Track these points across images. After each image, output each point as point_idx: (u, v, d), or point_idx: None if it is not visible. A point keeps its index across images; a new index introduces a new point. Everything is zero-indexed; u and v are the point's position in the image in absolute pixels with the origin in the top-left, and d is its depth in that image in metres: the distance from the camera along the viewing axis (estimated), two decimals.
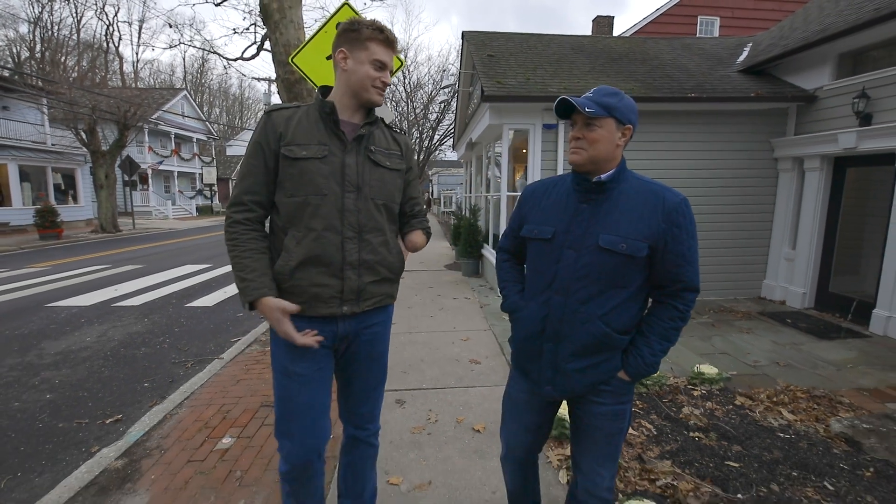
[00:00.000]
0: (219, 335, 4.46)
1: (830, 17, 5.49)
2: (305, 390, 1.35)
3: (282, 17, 3.86)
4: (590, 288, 1.19)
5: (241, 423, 2.67)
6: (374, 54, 1.29)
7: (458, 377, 3.25)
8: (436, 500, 1.94)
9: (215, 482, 2.13)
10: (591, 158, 1.19)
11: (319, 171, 1.29)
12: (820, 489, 1.97)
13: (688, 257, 1.18)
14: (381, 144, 1.41)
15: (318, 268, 1.30)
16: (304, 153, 1.28)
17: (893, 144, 4.32)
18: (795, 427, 2.51)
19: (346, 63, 1.31)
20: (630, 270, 1.18)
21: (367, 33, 1.28)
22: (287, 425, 1.36)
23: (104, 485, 2.14)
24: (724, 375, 3.13)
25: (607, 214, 1.19)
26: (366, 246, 1.35)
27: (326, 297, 1.32)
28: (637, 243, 1.15)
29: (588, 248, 1.19)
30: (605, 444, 1.30)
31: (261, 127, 1.32)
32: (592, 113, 1.15)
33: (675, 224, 1.16)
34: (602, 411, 1.27)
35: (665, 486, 1.92)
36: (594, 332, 1.20)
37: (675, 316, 1.21)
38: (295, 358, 1.33)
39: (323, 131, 1.32)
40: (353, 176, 1.33)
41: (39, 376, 3.47)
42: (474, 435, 2.47)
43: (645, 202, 1.18)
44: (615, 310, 1.20)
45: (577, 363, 1.23)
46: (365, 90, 1.32)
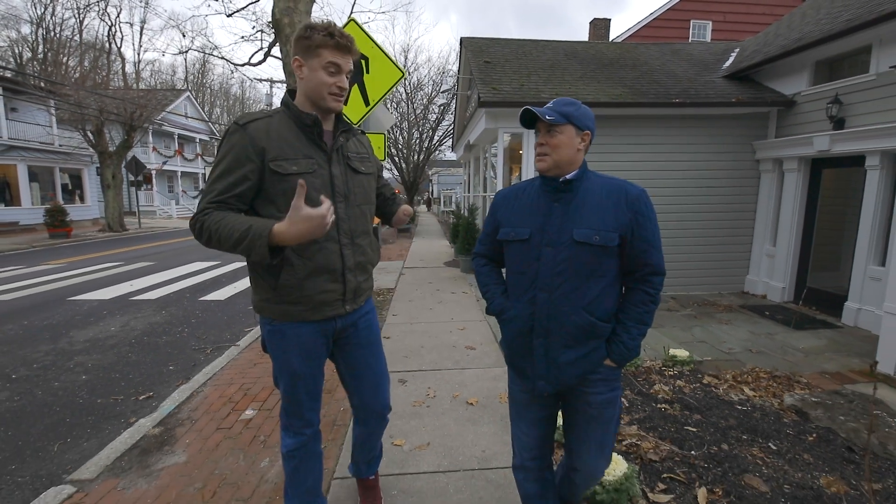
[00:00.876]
0: (233, 325, 4.79)
1: (809, 25, 5.80)
2: (310, 385, 1.48)
3: (292, 30, 4.18)
4: (571, 281, 1.26)
5: (261, 399, 3.00)
6: (326, 58, 1.28)
7: (455, 360, 3.58)
8: (434, 457, 2.26)
9: (242, 444, 2.46)
10: (556, 162, 1.28)
11: (312, 185, 1.30)
12: (764, 448, 2.29)
13: (652, 242, 1.27)
14: (353, 150, 1.47)
15: (323, 276, 1.37)
16: (294, 168, 1.29)
17: (863, 147, 4.63)
18: (753, 401, 2.83)
19: (301, 71, 1.32)
20: (605, 260, 1.26)
21: (318, 39, 1.27)
22: (294, 413, 1.49)
23: (145, 447, 2.47)
24: (694, 358, 3.45)
25: (578, 211, 1.27)
26: (358, 249, 1.46)
27: (332, 301, 1.41)
28: (608, 234, 1.24)
29: (565, 244, 1.26)
30: (603, 433, 1.35)
31: (237, 140, 1.27)
32: (553, 120, 1.25)
33: (639, 213, 1.25)
34: (598, 400, 1.32)
35: (629, 446, 2.24)
36: (580, 323, 1.26)
37: (647, 300, 1.29)
38: (305, 361, 1.43)
39: (306, 143, 1.33)
40: (340, 186, 1.39)
41: (73, 360, 3.80)
42: (468, 407, 2.79)
43: (609, 196, 1.27)
44: (597, 299, 1.27)
45: (568, 355, 1.28)
46: (321, 98, 1.32)
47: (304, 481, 1.57)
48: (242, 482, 2.14)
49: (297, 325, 1.41)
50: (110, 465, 2.30)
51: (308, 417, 1.52)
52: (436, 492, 2.00)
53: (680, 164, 6.00)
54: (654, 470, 2.08)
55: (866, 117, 4.68)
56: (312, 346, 1.45)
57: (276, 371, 1.48)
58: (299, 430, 1.52)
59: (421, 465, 2.20)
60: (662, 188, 5.94)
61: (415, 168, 19.12)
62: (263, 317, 1.44)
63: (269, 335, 1.44)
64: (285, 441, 1.53)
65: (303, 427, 1.52)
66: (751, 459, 2.18)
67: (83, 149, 16.88)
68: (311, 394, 1.50)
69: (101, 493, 2.08)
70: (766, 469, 2.10)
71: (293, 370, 1.44)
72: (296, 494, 1.58)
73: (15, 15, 21.50)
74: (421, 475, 2.12)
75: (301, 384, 1.46)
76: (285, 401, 1.49)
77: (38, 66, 18.34)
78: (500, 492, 1.98)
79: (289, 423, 1.52)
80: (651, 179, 5.90)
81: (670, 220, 6.00)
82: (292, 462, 1.54)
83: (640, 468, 2.07)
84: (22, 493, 2.16)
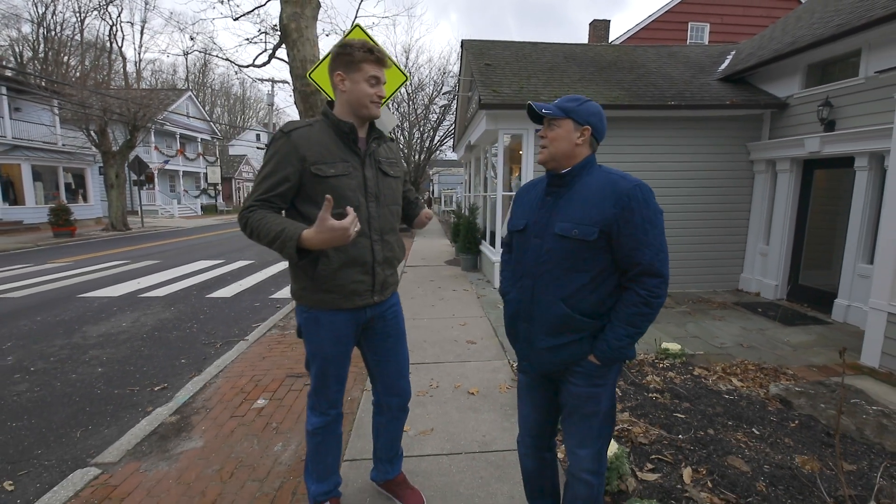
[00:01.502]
0: (240, 321, 4.93)
1: (803, 29, 5.93)
2: (339, 368, 1.63)
3: (299, 35, 4.32)
4: (552, 272, 1.29)
5: (272, 389, 3.14)
6: (368, 72, 1.45)
7: (457, 354, 3.72)
8: (437, 441, 2.41)
9: (256, 431, 2.60)
10: (552, 155, 1.32)
11: (348, 186, 1.47)
12: (748, 433, 2.43)
13: (643, 240, 1.21)
14: (384, 155, 1.62)
15: (355, 268, 1.52)
16: (332, 171, 1.45)
17: (852, 149, 4.78)
18: (740, 391, 2.98)
19: (343, 84, 1.47)
20: (586, 254, 1.25)
21: (360, 56, 1.44)
22: (322, 395, 1.65)
23: (164, 433, 2.61)
24: (686, 351, 3.59)
25: (566, 204, 1.30)
26: (386, 245, 1.60)
27: (362, 291, 1.56)
28: (587, 228, 1.23)
29: (549, 236, 1.30)
30: (582, 425, 1.36)
31: (281, 145, 1.42)
32: (549, 114, 1.29)
33: (626, 208, 1.21)
34: (576, 392, 1.34)
35: (621, 430, 2.38)
36: (557, 313, 1.29)
37: (638, 301, 1.22)
38: (336, 346, 1.59)
39: (343, 149, 1.49)
40: (372, 187, 1.54)
41: (88, 354, 3.94)
42: (469, 396, 2.94)
43: (599, 190, 1.26)
44: (577, 292, 1.27)
45: (546, 342, 1.32)
46: (364, 106, 1.48)
47: (325, 458, 1.73)
48: (258, 464, 2.28)
49: (331, 314, 1.55)
50: (131, 449, 2.44)
51: (333, 399, 1.67)
52: (439, 472, 2.14)
53: (676, 164, 6.14)
54: (643, 452, 2.22)
55: (855, 119, 4.82)
56: (343, 333, 1.59)
57: (309, 354, 1.63)
58: (325, 410, 1.67)
59: (425, 448, 2.35)
60: (659, 188, 5.98)
61: (416, 168, 19.26)
62: (300, 304, 1.59)
63: (305, 322, 1.59)
64: (311, 420, 1.69)
65: (328, 408, 1.67)
66: (735, 443, 2.32)
67: (86, 148, 17.03)
68: (339, 377, 1.65)
69: (125, 474, 2.23)
70: (748, 451, 2.25)
71: (325, 354, 1.58)
72: (315, 470, 1.74)
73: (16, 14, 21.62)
74: (426, 457, 2.27)
75: (331, 367, 1.61)
76: (315, 382, 1.64)
77: (39, 66, 18.47)
78: (500, 471, 2.12)
79: (316, 402, 1.67)
80: (648, 180, 5.82)
81: (667, 220, 6.02)
82: (316, 439, 1.69)
83: (630, 450, 2.21)
84: (50, 476, 2.30)
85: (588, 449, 1.36)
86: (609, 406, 1.36)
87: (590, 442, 1.36)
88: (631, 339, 1.25)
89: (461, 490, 2.01)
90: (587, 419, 1.35)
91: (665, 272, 1.23)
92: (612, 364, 1.32)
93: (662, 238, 1.24)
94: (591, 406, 1.34)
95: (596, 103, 1.35)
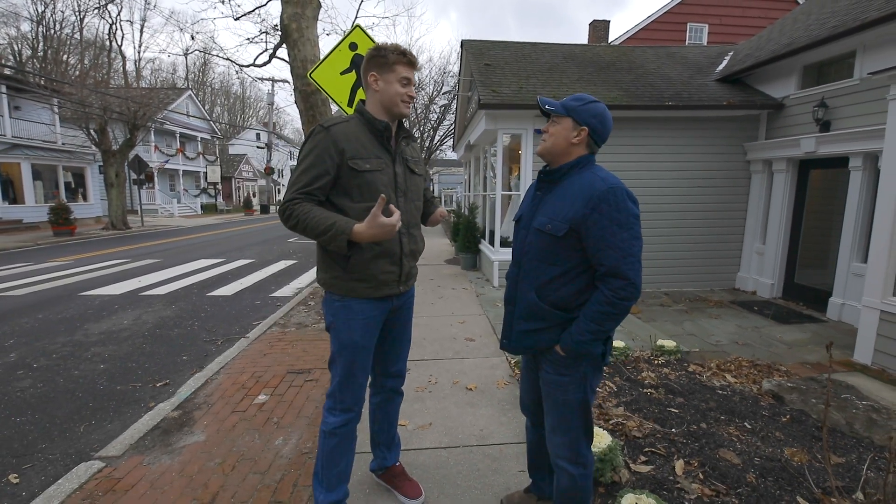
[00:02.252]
0: (241, 319, 4.97)
1: (799, 30, 5.98)
2: (367, 359, 1.66)
3: (300, 35, 4.36)
4: (531, 262, 1.40)
5: (273, 385, 3.18)
6: (401, 73, 1.55)
7: (455, 351, 3.76)
8: (435, 436, 2.45)
9: (257, 425, 2.64)
10: (548, 150, 1.39)
11: (381, 181, 1.54)
12: (740, 427, 2.48)
13: (609, 242, 1.24)
14: (410, 154, 1.71)
15: (385, 259, 1.58)
16: (367, 166, 1.52)
17: (847, 149, 4.83)
18: (734, 386, 3.03)
19: (377, 84, 1.56)
20: (558, 249, 1.33)
21: (393, 58, 1.53)
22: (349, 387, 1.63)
23: (166, 428, 2.65)
24: (681, 348, 3.64)
25: (549, 200, 1.38)
26: (412, 239, 1.68)
27: (390, 281, 1.62)
28: (559, 224, 1.31)
29: (531, 229, 1.41)
30: (553, 412, 1.43)
31: (321, 139, 1.49)
32: (551, 110, 1.36)
33: (597, 209, 1.25)
34: (547, 379, 1.43)
35: (616, 424, 2.43)
36: (528, 301, 1.40)
37: (603, 300, 1.26)
38: (366, 334, 1.62)
39: (377, 145, 1.57)
40: (402, 183, 1.63)
41: (90, 351, 3.98)
42: (467, 392, 2.98)
43: (580, 189, 1.31)
44: (548, 284, 1.36)
45: (521, 325, 1.43)
46: (395, 105, 1.56)
47: (339, 462, 1.68)
48: (259, 458, 2.32)
49: (363, 302, 1.60)
50: (134, 443, 2.49)
51: (358, 395, 1.67)
52: (437, 464, 2.19)
53: (674, 164, 6.19)
54: (636, 445, 2.27)
55: (850, 120, 4.87)
56: (374, 321, 1.64)
57: (337, 347, 1.62)
58: (349, 407, 1.65)
59: (424, 441, 2.39)
60: (657, 188, 6.14)
61: None
62: (332, 294, 1.62)
63: (337, 310, 1.61)
64: (329, 420, 1.65)
65: (353, 404, 1.66)
66: (727, 436, 2.37)
67: (86, 147, 17.05)
68: (365, 370, 1.67)
69: (129, 467, 2.27)
70: (739, 444, 2.29)
71: (356, 342, 1.61)
72: (326, 477, 1.67)
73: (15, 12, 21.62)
74: (424, 450, 2.31)
75: (360, 358, 1.63)
76: (341, 377, 1.63)
77: (39, 64, 18.47)
78: (497, 464, 2.17)
79: (341, 398, 1.64)
80: (646, 179, 6.10)
81: (664, 219, 6.19)
82: (333, 440, 1.65)
83: (624, 443, 2.26)
84: (54, 469, 2.34)
85: (560, 437, 1.43)
86: (578, 398, 1.39)
87: (561, 430, 1.42)
88: (593, 336, 1.29)
89: (458, 482, 2.06)
90: (557, 407, 1.42)
91: (631, 276, 1.24)
92: (577, 357, 1.35)
93: (633, 242, 1.25)
94: (560, 394, 1.40)
95: (602, 105, 1.37)
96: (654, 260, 6.13)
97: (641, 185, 6.09)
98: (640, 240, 1.28)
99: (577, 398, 1.40)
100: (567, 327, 1.36)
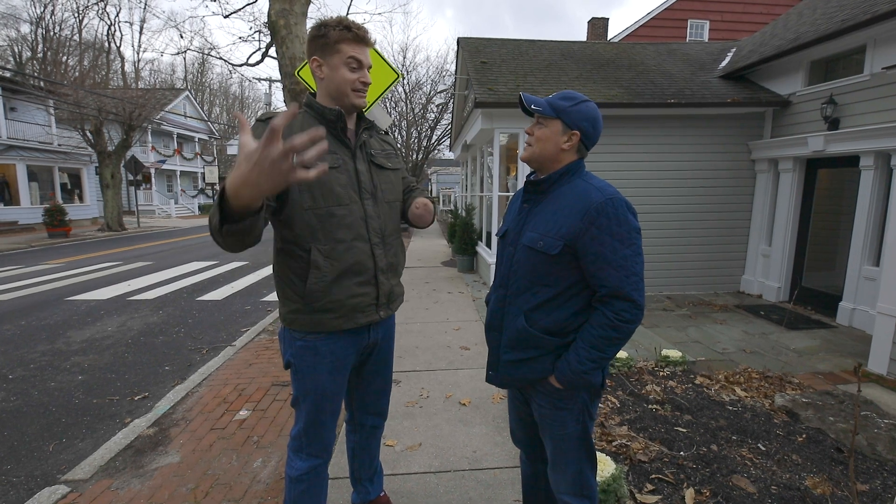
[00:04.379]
0: (229, 325, 4.81)
1: (805, 25, 5.80)
2: (336, 403, 1.41)
3: (288, 32, 4.19)
4: (519, 283, 1.23)
5: (256, 399, 3.01)
6: (347, 54, 1.24)
7: (449, 361, 3.59)
8: (425, 458, 2.28)
9: (236, 445, 2.48)
10: (535, 155, 1.22)
11: (337, 181, 1.27)
12: (753, 449, 2.31)
13: (610, 260, 1.11)
14: (376, 147, 1.43)
15: (353, 278, 1.29)
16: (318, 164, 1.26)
17: (857, 147, 4.65)
18: (744, 401, 2.85)
19: (321, 71, 1.27)
20: (551, 268, 1.18)
21: (335, 35, 1.23)
22: (314, 437, 1.39)
23: (139, 447, 2.48)
24: (687, 359, 3.47)
25: (539, 213, 1.22)
26: (389, 249, 1.39)
27: (364, 306, 1.33)
28: (552, 241, 1.16)
29: (519, 246, 1.24)
30: (552, 448, 1.29)
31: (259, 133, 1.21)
32: (538, 111, 1.18)
33: (595, 224, 1.11)
34: (542, 413, 1.27)
35: (619, 446, 2.26)
36: (518, 326, 1.22)
37: (605, 324, 1.13)
38: (335, 378, 1.35)
39: (330, 139, 1.27)
40: (367, 182, 1.34)
41: (70, 361, 3.81)
42: (460, 408, 2.81)
43: (573, 201, 1.17)
44: (540, 307, 1.20)
45: (509, 355, 1.26)
46: (345, 94, 1.27)
47: None
48: (235, 483, 2.15)
49: (331, 340, 1.32)
50: (104, 465, 2.32)
51: (327, 441, 1.44)
52: (426, 492, 2.02)
53: (676, 163, 6.01)
54: (642, 470, 2.10)
55: (861, 118, 4.69)
56: (344, 361, 1.38)
57: (301, 391, 1.37)
58: (316, 453, 1.42)
59: (412, 465, 2.22)
60: (658, 188, 5.96)
61: (413, 167, 19.12)
62: (293, 330, 1.34)
63: (299, 352, 1.33)
64: (296, 464, 1.42)
65: (321, 451, 1.43)
66: (739, 460, 2.20)
67: (82, 148, 16.89)
68: (334, 413, 1.43)
69: (95, 493, 2.10)
70: (754, 470, 2.12)
71: (322, 389, 1.35)
72: None
73: (14, 14, 21.50)
74: (412, 475, 2.14)
75: (328, 404, 1.38)
76: (306, 423, 1.39)
77: (38, 66, 18.34)
78: (490, 492, 2.00)
79: (307, 445, 1.41)
80: (647, 179, 5.92)
81: (666, 220, 6.01)
82: (300, 486, 1.42)
83: (629, 468, 2.09)
84: (17, 493, 2.18)
85: (562, 472, 1.30)
86: (578, 430, 1.26)
87: (562, 465, 1.29)
88: (595, 364, 1.15)
89: None
90: (556, 442, 1.28)
91: (635, 296, 1.12)
92: (575, 388, 1.21)
93: (635, 259, 1.13)
94: (557, 429, 1.26)
95: (593, 105, 1.23)
96: (656, 262, 5.95)
97: (642, 185, 5.91)
98: (642, 256, 1.15)
99: (577, 431, 1.26)
100: (561, 354, 1.21)
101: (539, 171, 1.27)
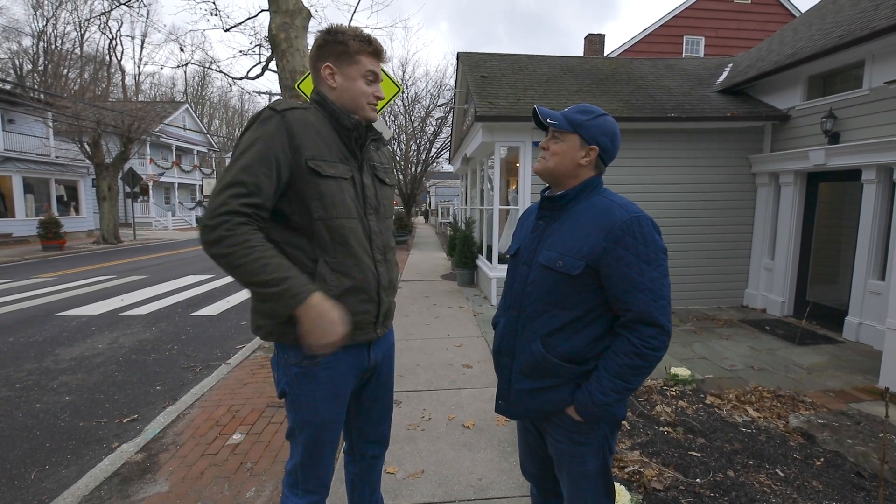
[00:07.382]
0: (224, 342, 4.68)
1: (802, 41, 5.86)
2: (335, 434, 1.31)
3: (288, 45, 4.18)
4: (535, 305, 1.15)
5: (250, 422, 2.89)
6: (366, 67, 1.20)
7: (451, 380, 3.48)
8: (428, 486, 2.17)
9: (228, 473, 2.35)
10: (550, 170, 1.17)
11: (348, 193, 1.20)
12: (771, 475, 2.20)
13: (637, 282, 1.04)
14: (378, 161, 1.37)
15: (358, 295, 1.23)
16: (332, 172, 1.16)
17: (859, 161, 4.64)
18: (758, 423, 2.75)
19: (334, 80, 1.21)
20: (571, 290, 1.10)
21: (356, 46, 1.18)
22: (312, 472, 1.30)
23: (126, 475, 2.35)
24: (696, 377, 3.37)
25: (556, 231, 1.15)
26: (390, 266, 1.34)
27: (365, 324, 1.27)
28: (573, 260, 1.08)
29: (535, 265, 1.16)
30: (570, 485, 1.20)
31: (273, 127, 1.11)
32: (555, 125, 1.14)
33: (620, 243, 1.05)
34: (559, 448, 1.19)
35: (632, 473, 2.15)
36: (534, 352, 1.14)
37: (630, 351, 1.04)
38: (334, 406, 1.27)
39: (342, 147, 1.21)
40: (371, 197, 1.28)
41: (57, 380, 3.68)
42: (464, 431, 2.70)
43: (594, 218, 1.10)
44: (558, 332, 1.12)
45: (524, 383, 1.17)
46: (360, 108, 1.23)
47: None
48: None
49: (329, 365, 1.23)
50: (88, 494, 2.19)
51: (325, 475, 1.34)
52: None
53: (676, 177, 5.99)
54: (658, 500, 1.99)
55: (861, 131, 4.69)
56: (343, 387, 1.28)
57: (297, 422, 1.27)
58: (314, 489, 1.32)
59: (414, 494, 2.10)
60: (659, 202, 5.92)
61: (412, 180, 19.16)
62: (286, 352, 1.24)
63: (297, 378, 1.23)
64: (291, 501, 1.31)
65: (318, 487, 1.33)
66: (758, 487, 2.09)
67: (79, 160, 16.84)
68: (333, 445, 1.32)
69: None
70: (773, 498, 2.02)
71: (321, 419, 1.25)
72: None
73: (17, 28, 21.64)
74: None
75: (327, 435, 1.29)
76: (303, 456, 1.29)
77: (39, 79, 18.41)
78: None
79: (303, 480, 1.30)
80: (647, 193, 5.89)
81: (668, 234, 5.91)
82: None
83: (643, 497, 1.98)
84: None
85: None
86: (597, 466, 1.17)
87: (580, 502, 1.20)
88: (619, 395, 1.07)
89: None
90: (574, 480, 1.18)
91: (664, 321, 1.04)
92: (592, 420, 1.12)
93: (663, 282, 1.06)
94: (576, 466, 1.17)
95: (611, 119, 1.18)
96: None
97: (643, 199, 5.87)
98: (668, 278, 1.08)
99: (597, 466, 1.17)
100: (580, 383, 1.12)
101: (554, 187, 1.21)
